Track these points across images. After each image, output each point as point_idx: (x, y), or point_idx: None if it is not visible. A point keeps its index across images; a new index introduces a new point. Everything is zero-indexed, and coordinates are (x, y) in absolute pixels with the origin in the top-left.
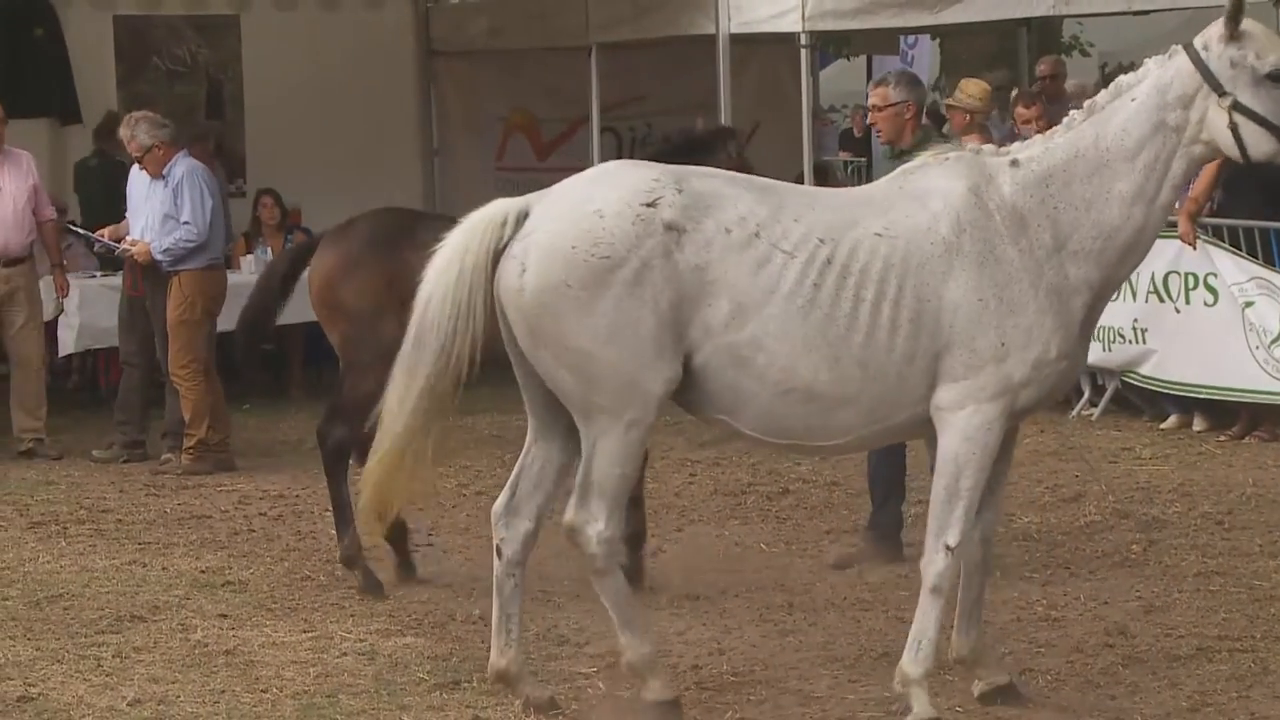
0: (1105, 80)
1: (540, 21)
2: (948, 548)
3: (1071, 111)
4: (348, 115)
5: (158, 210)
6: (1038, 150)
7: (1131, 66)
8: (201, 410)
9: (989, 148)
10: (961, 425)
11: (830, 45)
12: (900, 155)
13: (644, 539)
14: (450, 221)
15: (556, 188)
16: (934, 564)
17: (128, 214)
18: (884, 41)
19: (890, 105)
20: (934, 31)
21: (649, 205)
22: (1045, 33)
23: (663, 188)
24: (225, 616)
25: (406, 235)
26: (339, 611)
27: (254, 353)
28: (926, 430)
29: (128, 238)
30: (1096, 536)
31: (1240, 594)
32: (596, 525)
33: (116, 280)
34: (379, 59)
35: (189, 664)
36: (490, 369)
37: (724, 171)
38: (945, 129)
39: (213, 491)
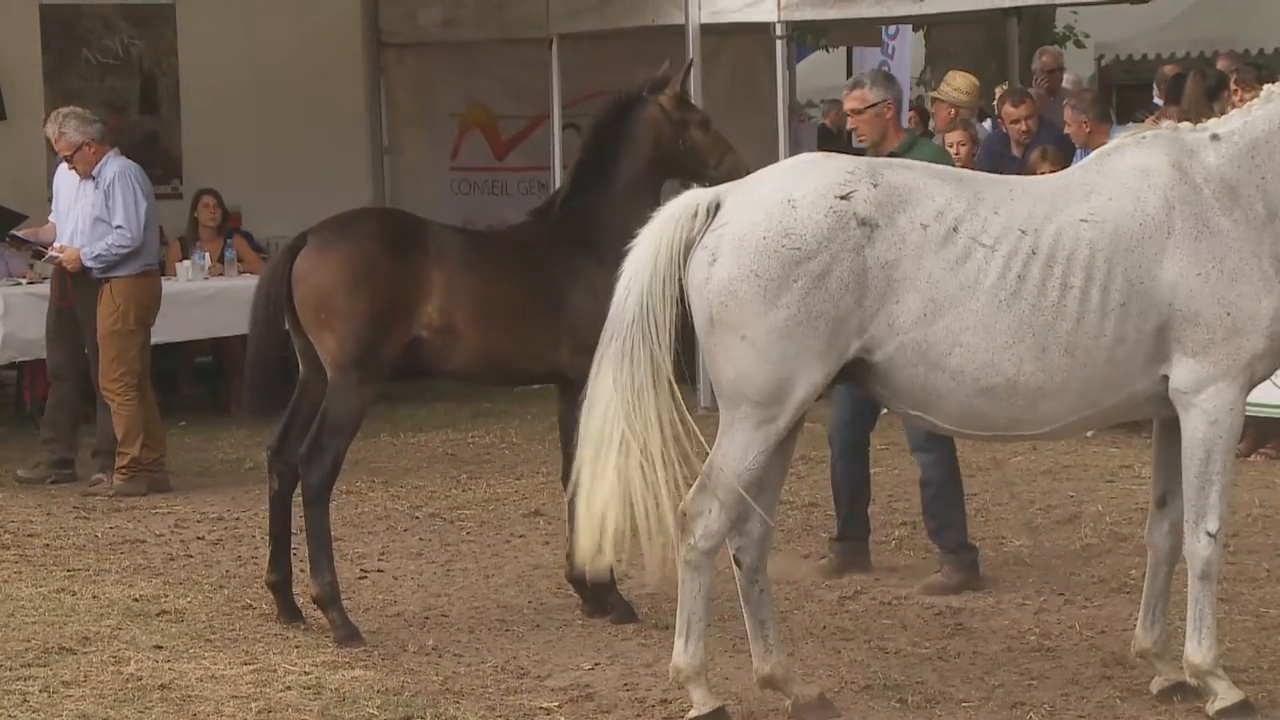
0: (1101, 74)
1: (498, 11)
2: (1209, 534)
3: (1267, 86)
4: (291, 111)
5: (88, 213)
6: (1237, 124)
7: (1130, 59)
8: (135, 427)
9: (1185, 125)
10: (1205, 408)
11: (807, 36)
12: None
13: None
14: (452, 230)
15: (750, 178)
16: (1198, 552)
17: (52, 217)
18: (865, 33)
19: (870, 107)
20: (918, 21)
21: (843, 198)
22: (1037, 23)
23: (858, 180)
24: (160, 648)
25: (418, 241)
26: (282, 642)
27: (272, 395)
28: (1138, 412)
29: (56, 243)
30: (1093, 560)
31: (1246, 621)
32: (707, 517)
33: (44, 288)
34: (325, 51)
35: (122, 699)
36: (444, 385)
37: (918, 163)
38: (930, 124)
39: (147, 514)
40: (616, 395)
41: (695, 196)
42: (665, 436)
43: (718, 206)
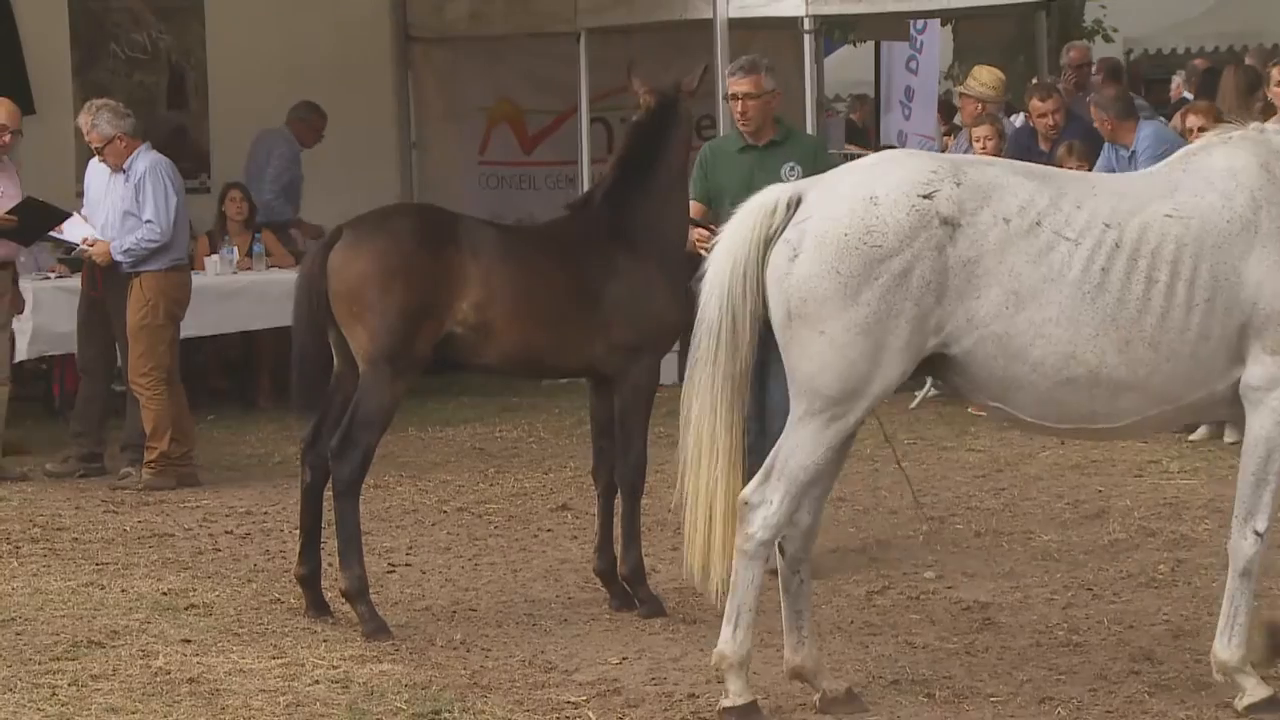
0: (1130, 67)
1: (525, 5)
2: (1256, 533)
3: None
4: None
5: (118, 207)
6: None
7: (1159, 53)
8: (163, 421)
9: (1271, 126)
10: (1275, 406)
11: (835, 31)
12: (767, 148)
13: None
14: (487, 226)
15: (832, 173)
16: (1243, 549)
17: (83, 210)
18: (893, 26)
19: (765, 94)
20: (947, 15)
21: (926, 197)
22: (1066, 17)
23: (941, 179)
24: (189, 642)
25: (453, 237)
26: (310, 636)
27: (319, 390)
28: (1216, 411)
29: (86, 236)
30: (1121, 556)
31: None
32: (768, 508)
33: (73, 282)
34: (353, 46)
35: (150, 693)
36: (472, 379)
37: (1000, 160)
38: (956, 118)
39: (175, 508)
40: (709, 400)
41: (775, 192)
42: (736, 435)
43: (798, 201)
